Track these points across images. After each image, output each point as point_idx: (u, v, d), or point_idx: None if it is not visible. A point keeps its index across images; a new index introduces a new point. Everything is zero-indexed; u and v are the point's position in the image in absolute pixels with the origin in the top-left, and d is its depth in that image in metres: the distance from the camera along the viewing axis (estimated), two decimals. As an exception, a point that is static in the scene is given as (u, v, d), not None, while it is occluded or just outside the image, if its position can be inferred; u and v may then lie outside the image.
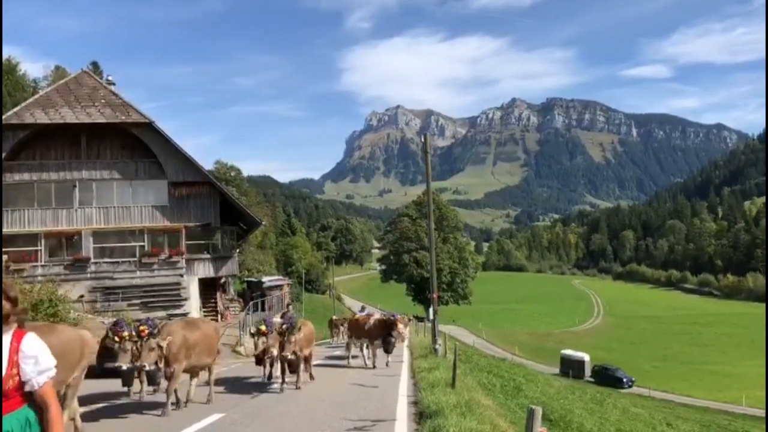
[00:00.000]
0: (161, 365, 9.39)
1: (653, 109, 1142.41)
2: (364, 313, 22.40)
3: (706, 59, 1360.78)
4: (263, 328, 12.66)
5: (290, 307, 15.76)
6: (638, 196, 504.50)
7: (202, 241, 32.43)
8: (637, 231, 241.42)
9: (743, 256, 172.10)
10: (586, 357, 62.97)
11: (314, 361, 18.74)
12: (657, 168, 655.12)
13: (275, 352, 12.64)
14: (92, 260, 30.36)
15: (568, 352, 65.50)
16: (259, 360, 13.59)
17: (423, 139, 26.62)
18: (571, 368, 60.70)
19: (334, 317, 37.05)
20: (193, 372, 10.86)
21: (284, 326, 12.38)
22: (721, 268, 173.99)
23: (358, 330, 18.15)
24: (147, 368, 9.17)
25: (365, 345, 18.14)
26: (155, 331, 9.38)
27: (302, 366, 13.36)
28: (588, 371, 60.62)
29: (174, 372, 9.67)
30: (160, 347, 9.27)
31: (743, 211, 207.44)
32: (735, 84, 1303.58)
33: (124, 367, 9.32)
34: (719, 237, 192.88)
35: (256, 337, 12.62)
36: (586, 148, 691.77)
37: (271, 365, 14.04)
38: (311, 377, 14.08)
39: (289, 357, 12.11)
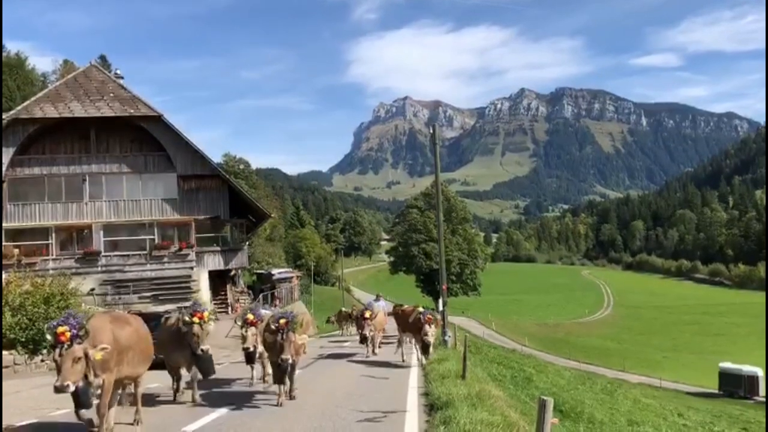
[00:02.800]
0: (92, 378, 6.78)
1: (663, 98, 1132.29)
2: (380, 303, 21.82)
3: (716, 47, 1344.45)
4: (251, 317, 11.21)
5: (278, 302, 14.66)
6: (648, 186, 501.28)
7: (212, 234, 32.56)
8: (647, 221, 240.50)
9: (754, 245, 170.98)
10: (759, 371, 48.72)
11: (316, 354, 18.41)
12: (667, 157, 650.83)
13: (259, 349, 11.24)
14: (103, 253, 30.55)
15: (729, 365, 51.00)
16: (250, 357, 11.77)
17: (431, 131, 26.54)
18: (737, 386, 48.11)
19: (344, 309, 36.99)
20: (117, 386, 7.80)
21: (282, 321, 9.77)
22: (732, 258, 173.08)
23: (403, 323, 16.72)
24: (71, 388, 6.41)
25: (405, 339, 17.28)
26: (81, 334, 6.76)
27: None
28: (763, 389, 47.14)
29: (104, 385, 7.12)
30: (87, 357, 6.66)
31: (754, 200, 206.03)
32: (745, 72, 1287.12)
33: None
34: (730, 226, 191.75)
35: (243, 329, 11.29)
36: (595, 137, 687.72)
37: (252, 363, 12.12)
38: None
39: (291, 361, 9.65)
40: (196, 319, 9.53)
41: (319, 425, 8.36)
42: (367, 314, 17.63)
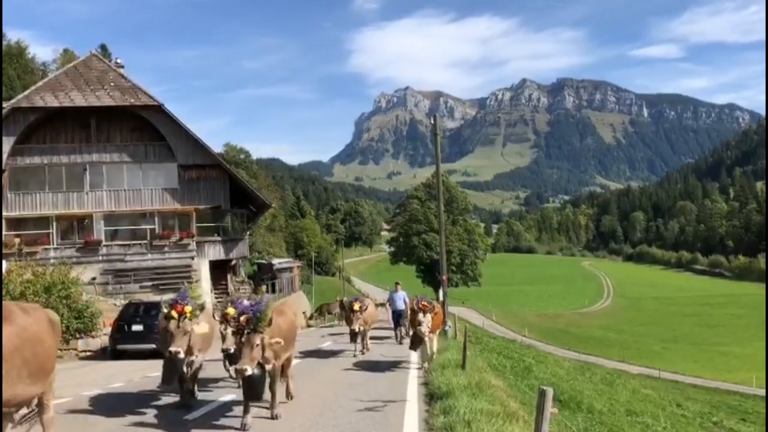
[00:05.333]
0: None
1: (664, 89, 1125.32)
2: (399, 294, 19.80)
3: (718, 38, 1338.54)
4: (231, 311, 8.34)
5: (264, 289, 12.70)
6: (649, 177, 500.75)
7: (213, 224, 32.58)
8: (647, 212, 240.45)
9: (754, 237, 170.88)
10: None
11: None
12: (668, 149, 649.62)
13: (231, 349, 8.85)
14: (104, 243, 30.60)
15: None
16: (232, 359, 9.66)
17: (432, 121, 26.54)
18: None
19: (344, 299, 36.81)
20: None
21: (243, 317, 7.41)
22: (732, 249, 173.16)
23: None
24: None
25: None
26: None
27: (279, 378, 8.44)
28: None
29: None
30: None
31: (755, 191, 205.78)
32: (747, 63, 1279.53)
33: None
34: (730, 218, 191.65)
35: (222, 326, 9.04)
36: (596, 128, 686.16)
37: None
38: (289, 395, 9.15)
39: (249, 371, 7.09)
40: (174, 314, 7.88)
41: (320, 414, 8.41)
42: (356, 306, 15.62)
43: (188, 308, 8.01)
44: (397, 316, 19.71)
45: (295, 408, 8.80)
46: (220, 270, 34.26)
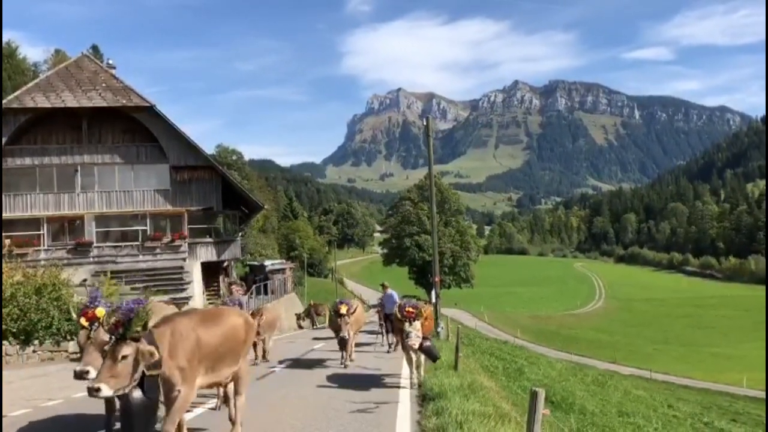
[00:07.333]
0: None
1: (656, 91, 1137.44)
2: (389, 293, 17.88)
3: (709, 41, 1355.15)
4: (100, 312, 6.21)
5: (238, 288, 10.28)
6: (640, 179, 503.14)
7: (205, 225, 32.45)
8: (639, 214, 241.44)
9: (745, 239, 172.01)
10: None
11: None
12: (659, 150, 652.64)
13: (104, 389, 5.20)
14: (95, 244, 30.40)
15: None
16: None
17: (425, 123, 26.61)
18: None
19: (338, 301, 36.57)
20: None
21: (113, 319, 5.21)
22: (723, 251, 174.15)
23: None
24: None
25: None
26: None
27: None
28: None
29: None
30: None
31: (746, 193, 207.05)
32: (738, 66, 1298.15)
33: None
34: (721, 220, 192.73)
35: None
36: (588, 130, 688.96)
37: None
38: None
39: (104, 392, 4.92)
40: (83, 322, 6.10)
41: (312, 416, 8.38)
42: (343, 310, 14.28)
43: (100, 311, 6.03)
44: (388, 321, 17.37)
45: (286, 410, 8.78)
46: (212, 271, 34.14)
